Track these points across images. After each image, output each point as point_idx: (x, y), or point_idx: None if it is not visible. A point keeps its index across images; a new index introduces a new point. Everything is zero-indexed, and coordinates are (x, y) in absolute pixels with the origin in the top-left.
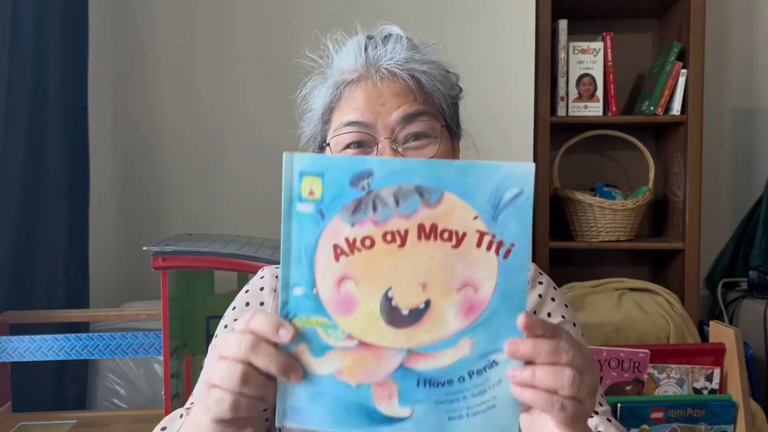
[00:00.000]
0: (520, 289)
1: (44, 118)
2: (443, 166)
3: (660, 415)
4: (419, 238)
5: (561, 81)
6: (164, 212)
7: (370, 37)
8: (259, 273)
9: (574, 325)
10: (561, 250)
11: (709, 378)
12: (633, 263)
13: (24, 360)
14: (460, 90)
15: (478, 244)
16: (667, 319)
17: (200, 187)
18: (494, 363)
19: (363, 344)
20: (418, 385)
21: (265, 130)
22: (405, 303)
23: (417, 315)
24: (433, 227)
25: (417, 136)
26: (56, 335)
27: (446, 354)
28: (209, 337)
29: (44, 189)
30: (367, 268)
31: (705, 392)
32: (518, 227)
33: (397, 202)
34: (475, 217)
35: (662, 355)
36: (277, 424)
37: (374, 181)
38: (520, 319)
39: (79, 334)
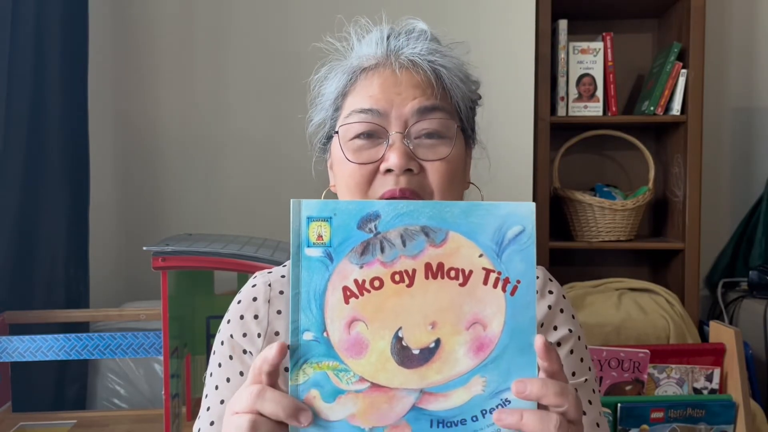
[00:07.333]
0: (528, 326)
1: (44, 118)
2: (447, 206)
3: (660, 415)
4: (426, 277)
5: (561, 81)
6: (164, 212)
7: (393, 28)
8: (251, 281)
9: (579, 338)
10: (561, 250)
11: (709, 378)
12: (633, 263)
13: (24, 360)
14: (479, 97)
15: (485, 282)
16: (667, 319)
17: (200, 187)
18: (506, 401)
19: (375, 386)
20: (431, 425)
21: (265, 130)
22: (415, 342)
23: (428, 354)
24: (440, 266)
25: (430, 135)
26: (56, 335)
27: (458, 393)
28: (209, 337)
29: (44, 189)
30: (377, 309)
31: (705, 392)
32: (523, 264)
33: (404, 243)
34: (480, 255)
35: (662, 355)
36: None
37: (381, 223)
38: (538, 339)
39: (79, 334)
